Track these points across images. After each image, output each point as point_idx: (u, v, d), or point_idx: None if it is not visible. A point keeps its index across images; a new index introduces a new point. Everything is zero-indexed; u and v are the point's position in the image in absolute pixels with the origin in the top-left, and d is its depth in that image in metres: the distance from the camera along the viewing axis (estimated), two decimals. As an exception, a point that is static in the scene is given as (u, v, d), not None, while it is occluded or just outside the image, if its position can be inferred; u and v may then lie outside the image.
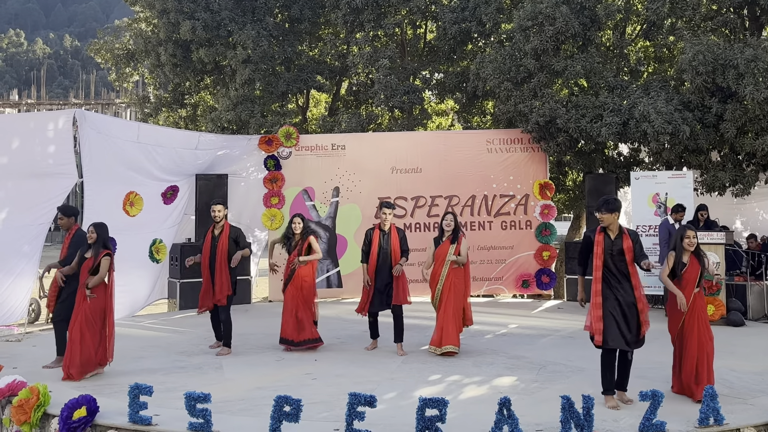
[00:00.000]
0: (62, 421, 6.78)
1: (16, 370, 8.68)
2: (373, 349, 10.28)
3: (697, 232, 8.07)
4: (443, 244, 9.79)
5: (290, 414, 6.22)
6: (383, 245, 10.08)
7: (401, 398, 7.65)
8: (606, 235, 7.66)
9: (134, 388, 6.64)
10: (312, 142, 16.35)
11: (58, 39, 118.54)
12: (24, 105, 63.04)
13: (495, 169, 16.05)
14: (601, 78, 15.31)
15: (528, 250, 15.85)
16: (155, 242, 9.92)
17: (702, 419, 6.57)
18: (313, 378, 8.76)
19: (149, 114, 22.72)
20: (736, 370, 9.07)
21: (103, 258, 8.73)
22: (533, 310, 14.62)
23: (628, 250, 7.57)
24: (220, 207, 10.14)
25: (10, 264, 12.16)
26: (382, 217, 10.08)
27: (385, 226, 10.13)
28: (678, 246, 7.90)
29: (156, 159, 14.05)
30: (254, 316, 13.49)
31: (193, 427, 6.40)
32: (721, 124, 13.75)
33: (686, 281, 7.79)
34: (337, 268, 15.86)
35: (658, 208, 13.97)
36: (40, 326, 13.97)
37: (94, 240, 8.83)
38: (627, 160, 16.27)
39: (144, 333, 11.91)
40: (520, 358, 9.87)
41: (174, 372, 9.03)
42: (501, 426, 6.17)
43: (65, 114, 12.64)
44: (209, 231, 10.19)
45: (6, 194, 12.41)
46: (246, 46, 18.52)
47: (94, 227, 8.90)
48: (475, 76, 16.52)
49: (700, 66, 13.30)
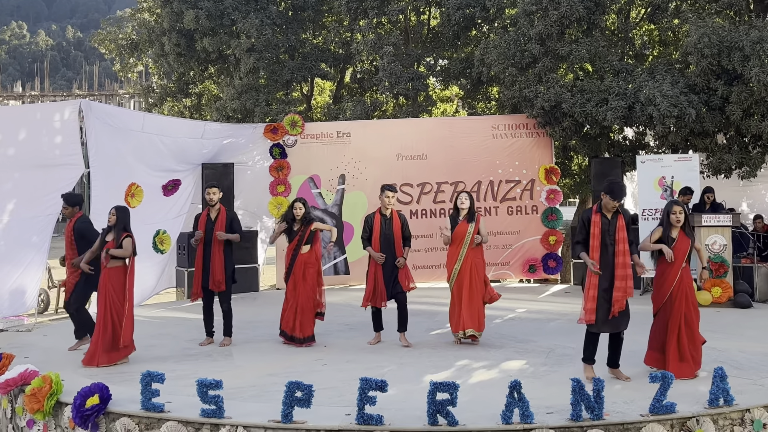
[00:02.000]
0: (75, 409, 6.84)
1: (28, 359, 8.73)
2: (377, 343, 9.92)
3: (684, 208, 8.09)
4: (460, 224, 9.53)
5: (302, 399, 6.26)
6: (385, 230, 9.72)
7: (412, 383, 7.68)
8: (603, 215, 7.70)
9: (146, 376, 6.69)
10: (317, 130, 16.35)
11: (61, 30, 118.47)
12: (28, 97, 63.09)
13: (500, 155, 16.03)
14: (606, 62, 15.27)
15: (534, 235, 15.86)
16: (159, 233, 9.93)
17: (712, 400, 6.60)
18: (324, 364, 8.80)
19: (154, 104, 22.72)
20: (745, 351, 9.10)
21: (125, 239, 8.76)
22: (540, 295, 14.66)
23: (621, 228, 7.62)
24: (215, 190, 9.87)
25: (19, 255, 12.23)
26: (385, 201, 9.74)
27: (387, 210, 9.80)
28: (665, 221, 7.92)
29: (161, 149, 14.08)
30: (262, 304, 13.55)
31: (206, 413, 6.44)
32: (726, 107, 13.71)
33: (674, 256, 7.81)
34: (344, 255, 15.90)
35: (664, 192, 13.95)
36: (49, 316, 14.06)
37: (114, 222, 8.85)
38: (633, 144, 16.24)
39: (154, 322, 11.96)
40: (528, 342, 9.90)
41: (185, 360, 9.08)
42: (512, 409, 6.20)
43: (71, 105, 12.68)
44: (204, 214, 9.92)
45: (14, 185, 12.48)
46: (250, 35, 18.49)
47: (116, 210, 8.93)
48: (479, 61, 16.48)
49: (706, 48, 13.26)
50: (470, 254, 9.54)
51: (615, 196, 7.65)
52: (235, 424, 6.36)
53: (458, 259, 9.53)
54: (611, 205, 7.66)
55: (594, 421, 6.23)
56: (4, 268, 12.34)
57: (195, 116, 21.79)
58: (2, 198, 12.61)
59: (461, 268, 9.52)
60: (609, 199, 7.66)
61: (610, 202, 7.65)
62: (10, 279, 12.25)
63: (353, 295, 14.19)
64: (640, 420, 6.35)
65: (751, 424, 6.65)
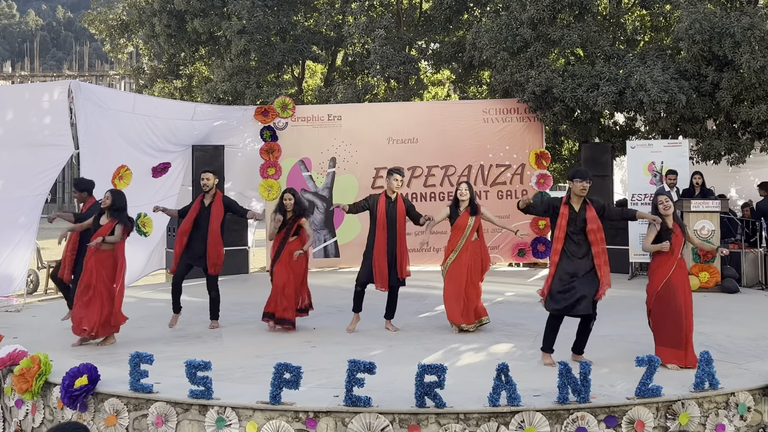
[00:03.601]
0: (64, 389, 6.85)
1: (17, 339, 8.73)
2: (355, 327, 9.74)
3: (669, 195, 8.10)
4: (462, 215, 9.48)
5: (290, 381, 6.29)
6: (389, 213, 9.59)
7: (400, 365, 7.71)
8: (570, 207, 7.69)
9: (135, 357, 6.69)
10: (308, 113, 16.32)
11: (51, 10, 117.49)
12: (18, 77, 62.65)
13: (491, 139, 16.04)
14: (597, 47, 15.28)
15: (524, 219, 15.83)
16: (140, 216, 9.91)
17: (697, 383, 6.66)
18: (313, 346, 8.83)
19: (144, 85, 22.66)
20: (731, 335, 9.18)
21: (117, 225, 8.78)
22: (529, 279, 14.73)
23: (591, 219, 7.62)
24: (210, 175, 9.84)
25: (7, 235, 12.18)
26: (393, 184, 9.58)
27: (393, 194, 9.66)
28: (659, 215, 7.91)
29: (152, 130, 14.01)
30: (252, 286, 13.56)
31: (194, 394, 6.46)
32: (717, 93, 13.75)
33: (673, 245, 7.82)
34: (335, 237, 15.91)
35: (653, 177, 14.00)
36: (39, 297, 14.03)
37: (107, 206, 8.85)
38: (623, 129, 16.28)
39: (143, 303, 11.96)
40: (516, 325, 9.95)
41: (174, 341, 9.09)
42: (499, 391, 6.25)
43: (60, 85, 12.61)
44: (198, 200, 9.91)
45: (2, 166, 12.40)
46: (241, 17, 18.42)
47: (111, 193, 8.94)
48: (471, 45, 16.46)
49: (697, 35, 13.29)
50: (470, 246, 9.50)
51: (581, 176, 7.63)
52: (224, 405, 6.39)
53: (455, 249, 9.50)
54: (579, 187, 7.63)
55: (580, 404, 6.27)
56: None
57: (185, 98, 21.73)
58: (-9, 177, 12.56)
59: (456, 258, 9.49)
60: (577, 181, 7.63)
61: (578, 185, 7.62)
62: (-2, 259, 12.24)
63: (343, 278, 14.22)
64: (626, 403, 6.40)
65: (735, 408, 6.72)
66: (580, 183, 7.61)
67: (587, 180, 7.63)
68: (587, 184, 7.63)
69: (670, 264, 7.76)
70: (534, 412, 6.22)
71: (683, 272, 7.86)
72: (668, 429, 6.44)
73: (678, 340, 7.66)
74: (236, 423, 6.33)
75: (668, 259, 7.78)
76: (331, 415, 6.24)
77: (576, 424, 6.24)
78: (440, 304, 10.22)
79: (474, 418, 6.20)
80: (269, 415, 6.28)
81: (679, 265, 7.79)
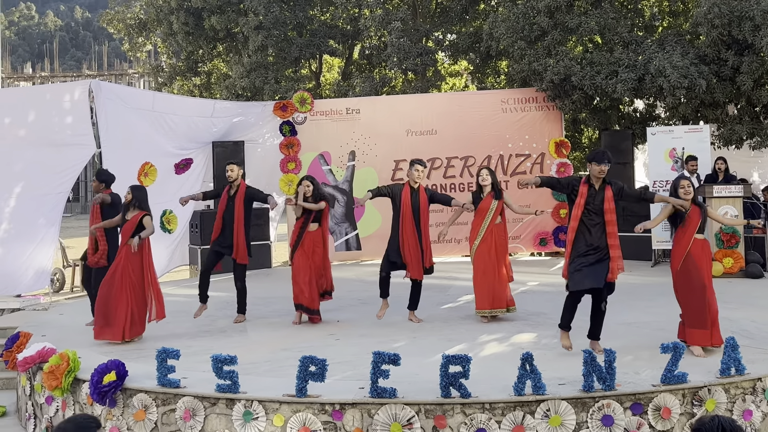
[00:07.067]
0: (93, 385, 6.93)
1: (45, 337, 8.82)
2: (386, 312, 9.75)
3: (691, 181, 8.08)
4: (486, 198, 9.50)
5: (316, 374, 6.32)
6: (413, 203, 9.63)
7: (424, 356, 7.73)
8: (590, 185, 7.71)
9: (162, 352, 6.75)
10: (326, 107, 16.35)
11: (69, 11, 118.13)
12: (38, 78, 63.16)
13: (510, 129, 16.01)
14: (615, 34, 15.19)
15: (545, 208, 15.83)
16: (165, 213, 9.98)
17: (723, 369, 6.63)
18: (337, 339, 8.87)
19: (163, 83, 22.77)
20: (757, 320, 9.12)
21: (144, 217, 8.86)
22: (551, 268, 14.68)
23: (608, 199, 7.64)
24: (233, 167, 9.95)
25: (31, 233, 12.34)
26: (414, 174, 9.60)
27: (416, 184, 9.67)
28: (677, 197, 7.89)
29: (172, 128, 14.12)
30: (275, 280, 13.62)
31: (221, 388, 6.51)
32: (737, 77, 13.65)
33: (686, 225, 7.80)
34: (356, 230, 15.95)
35: (675, 163, 13.93)
36: (65, 295, 14.18)
37: (129, 200, 8.94)
38: (643, 116, 16.19)
39: (167, 299, 11.88)
40: (539, 314, 9.94)
41: (199, 336, 9.16)
42: (524, 380, 6.26)
43: (81, 85, 12.75)
44: (225, 191, 10.03)
45: (25, 165, 12.56)
46: (257, 12, 18.47)
47: (131, 189, 9.04)
48: (488, 35, 16.42)
49: (716, 19, 13.18)
50: (494, 229, 9.52)
51: (598, 160, 7.64)
52: (251, 398, 6.44)
53: (479, 233, 9.51)
54: (597, 170, 7.64)
55: (606, 392, 6.27)
56: (17, 245, 12.46)
57: (204, 95, 21.83)
58: (13, 178, 12.69)
59: (481, 242, 9.50)
60: (595, 164, 7.65)
61: (596, 168, 7.64)
62: (23, 255, 12.39)
63: (365, 271, 14.25)
64: (651, 390, 6.39)
65: (762, 393, 6.69)
66: (598, 166, 7.62)
67: (605, 163, 7.62)
68: (605, 167, 7.62)
69: (687, 239, 7.74)
70: (559, 401, 6.23)
71: (704, 251, 7.82)
72: (694, 415, 6.42)
73: (703, 319, 7.60)
74: (263, 416, 6.39)
75: (684, 235, 7.77)
76: (357, 407, 6.28)
77: (602, 412, 6.25)
78: (463, 295, 10.23)
79: (499, 408, 6.22)
80: (296, 408, 6.32)
81: (699, 244, 7.76)
